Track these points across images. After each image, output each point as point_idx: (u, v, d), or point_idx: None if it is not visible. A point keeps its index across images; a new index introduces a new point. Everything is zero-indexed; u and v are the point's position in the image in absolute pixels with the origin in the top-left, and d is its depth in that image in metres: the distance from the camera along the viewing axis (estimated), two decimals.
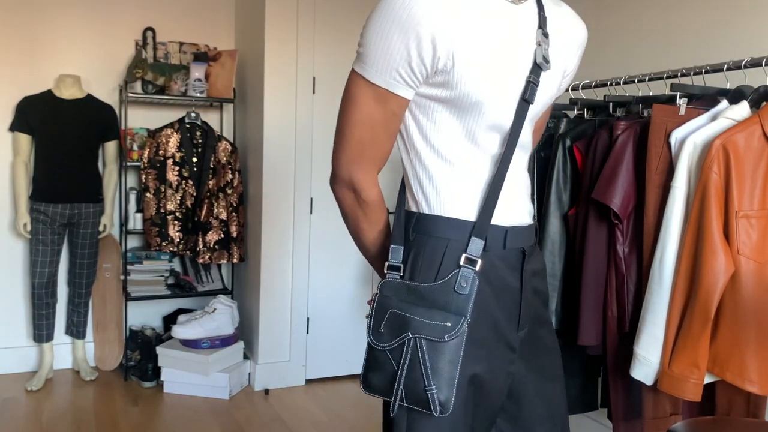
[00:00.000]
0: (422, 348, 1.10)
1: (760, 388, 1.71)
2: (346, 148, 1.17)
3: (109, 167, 3.60)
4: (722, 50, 2.29)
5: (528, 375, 1.26)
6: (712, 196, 1.71)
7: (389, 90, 1.11)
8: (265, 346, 3.55)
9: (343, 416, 3.25)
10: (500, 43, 1.12)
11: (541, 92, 1.20)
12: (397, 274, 1.16)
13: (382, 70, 1.09)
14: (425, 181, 1.18)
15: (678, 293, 1.79)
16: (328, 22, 3.51)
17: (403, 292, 1.14)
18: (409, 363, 1.10)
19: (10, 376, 3.61)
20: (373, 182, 1.22)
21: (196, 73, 3.60)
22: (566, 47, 1.25)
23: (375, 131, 1.15)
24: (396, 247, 1.19)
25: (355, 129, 1.14)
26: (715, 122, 1.81)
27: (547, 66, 1.16)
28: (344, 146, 1.17)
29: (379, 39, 1.07)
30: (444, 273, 1.12)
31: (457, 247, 1.13)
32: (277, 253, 3.53)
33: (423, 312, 1.11)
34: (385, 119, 1.14)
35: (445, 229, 1.15)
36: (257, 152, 3.55)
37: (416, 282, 1.13)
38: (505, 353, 1.19)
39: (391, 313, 1.13)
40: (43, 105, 3.43)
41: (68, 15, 3.64)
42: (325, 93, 3.55)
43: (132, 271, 3.66)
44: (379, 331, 1.13)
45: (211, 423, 3.10)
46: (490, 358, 1.16)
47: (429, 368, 1.09)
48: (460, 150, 1.16)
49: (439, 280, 1.12)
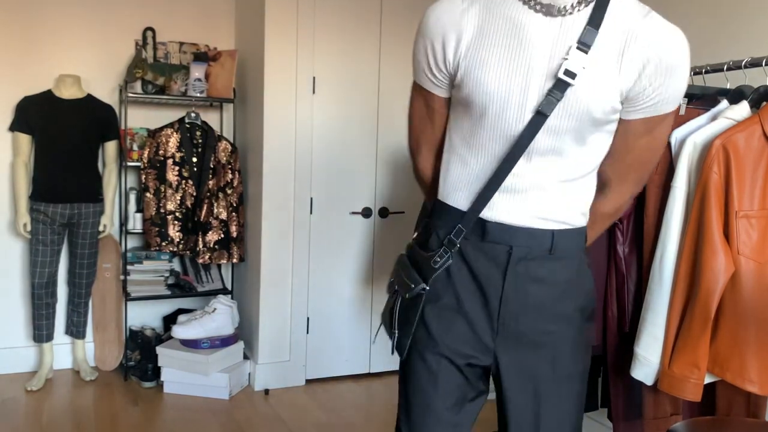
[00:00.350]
0: (398, 301, 1.37)
1: (760, 388, 1.71)
2: (410, 135, 1.46)
3: (109, 167, 3.60)
4: (722, 50, 2.29)
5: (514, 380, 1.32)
6: (712, 196, 1.71)
7: (424, 87, 1.34)
8: (265, 346, 3.55)
9: (343, 416, 3.25)
10: (512, 53, 1.20)
11: (572, 107, 1.18)
12: (414, 242, 1.40)
13: (418, 72, 1.34)
14: (442, 171, 1.36)
15: (678, 293, 1.79)
16: (328, 22, 3.51)
17: (409, 258, 1.37)
18: (389, 309, 1.40)
19: (10, 376, 3.61)
20: (426, 161, 1.44)
21: (196, 73, 3.60)
22: (630, 63, 1.17)
23: (422, 123, 1.40)
24: (421, 221, 1.52)
25: (412, 120, 1.42)
26: (715, 122, 1.81)
27: (573, 80, 1.16)
28: (409, 134, 1.46)
29: (414, 48, 1.35)
30: (430, 249, 1.32)
31: (446, 231, 1.30)
32: (277, 253, 3.53)
33: (408, 274, 1.34)
34: (427, 113, 1.38)
35: (441, 214, 1.33)
36: (257, 152, 3.54)
37: (419, 251, 1.35)
38: (471, 333, 1.31)
39: (395, 271, 1.40)
40: (43, 105, 3.43)
41: (68, 15, 3.64)
42: (325, 93, 3.55)
43: (132, 271, 3.66)
44: (390, 281, 1.42)
45: (211, 423, 3.10)
46: (451, 328, 1.31)
47: (397, 317, 1.37)
48: (467, 148, 1.29)
49: (427, 254, 1.32)
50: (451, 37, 1.24)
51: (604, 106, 1.19)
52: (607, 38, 1.17)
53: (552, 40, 1.18)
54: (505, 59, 1.20)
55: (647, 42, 1.16)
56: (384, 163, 3.73)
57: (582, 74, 1.16)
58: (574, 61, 1.15)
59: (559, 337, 1.31)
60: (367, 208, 3.70)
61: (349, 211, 3.68)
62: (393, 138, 3.72)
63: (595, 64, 1.17)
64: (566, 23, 1.18)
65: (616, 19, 1.18)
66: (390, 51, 3.67)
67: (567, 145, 1.23)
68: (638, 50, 1.16)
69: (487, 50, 1.21)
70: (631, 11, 1.19)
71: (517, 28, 1.19)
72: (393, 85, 3.69)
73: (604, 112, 1.19)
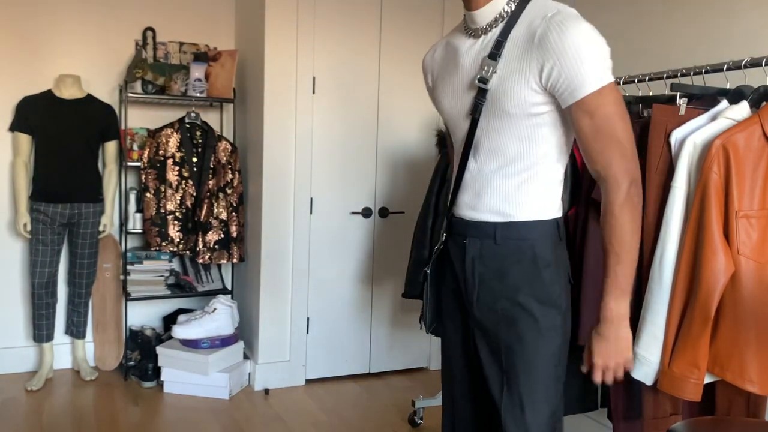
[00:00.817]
0: (426, 285, 1.65)
1: (760, 388, 1.71)
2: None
3: (109, 167, 3.60)
4: (722, 50, 2.29)
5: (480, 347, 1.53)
6: (712, 196, 1.71)
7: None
8: (265, 346, 3.55)
9: (343, 416, 3.25)
10: (452, 74, 1.50)
11: (492, 106, 1.40)
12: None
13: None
14: None
15: (678, 293, 1.79)
16: (328, 22, 3.51)
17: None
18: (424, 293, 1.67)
19: (10, 376, 3.61)
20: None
21: (196, 73, 3.60)
22: (532, 58, 1.32)
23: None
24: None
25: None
26: (715, 122, 1.81)
27: (487, 85, 1.38)
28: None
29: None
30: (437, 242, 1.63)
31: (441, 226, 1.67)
32: (277, 253, 3.53)
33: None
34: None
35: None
36: (257, 152, 3.54)
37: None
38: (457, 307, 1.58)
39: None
40: (43, 105, 3.43)
41: (68, 15, 3.64)
42: (325, 93, 3.55)
43: (132, 271, 3.66)
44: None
45: (211, 423, 3.10)
46: (447, 304, 1.61)
47: (426, 299, 1.65)
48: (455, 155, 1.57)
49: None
50: (428, 76, 1.63)
51: (517, 101, 1.35)
52: (516, 43, 1.35)
53: (474, 57, 1.43)
54: (449, 80, 1.50)
55: (542, 35, 1.30)
56: (384, 163, 3.73)
57: (494, 79, 1.37)
58: (485, 69, 1.38)
59: (517, 319, 1.44)
60: (367, 208, 3.70)
61: (349, 211, 3.68)
62: (393, 138, 3.72)
63: (505, 68, 1.36)
64: (486, 40, 1.42)
65: (526, 26, 1.34)
66: (390, 51, 3.67)
67: (505, 142, 1.41)
68: (537, 44, 1.31)
69: (441, 77, 1.54)
70: (539, 14, 1.33)
71: (455, 53, 1.49)
72: (393, 85, 3.69)
73: (518, 106, 1.36)
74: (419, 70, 3.74)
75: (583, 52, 1.27)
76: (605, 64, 1.31)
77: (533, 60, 1.31)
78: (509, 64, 1.35)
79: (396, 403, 3.43)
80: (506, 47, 1.36)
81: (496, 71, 1.36)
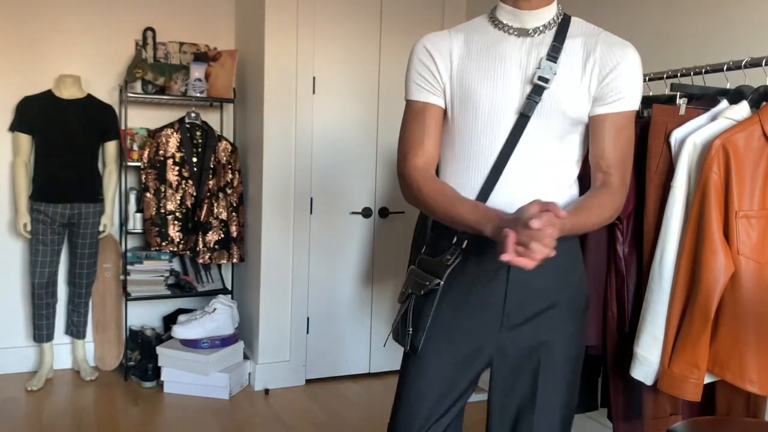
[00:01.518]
0: (412, 300, 1.49)
1: (760, 388, 1.71)
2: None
3: (109, 167, 3.60)
4: (722, 50, 2.29)
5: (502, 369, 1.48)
6: (712, 196, 1.71)
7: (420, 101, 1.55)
8: (265, 346, 3.56)
9: (343, 416, 3.25)
10: (494, 65, 1.44)
11: (550, 108, 1.41)
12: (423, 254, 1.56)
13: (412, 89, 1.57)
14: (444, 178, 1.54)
15: (678, 293, 1.79)
16: (328, 22, 3.51)
17: (420, 266, 1.53)
18: (403, 312, 1.51)
19: (10, 376, 3.61)
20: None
21: (196, 73, 3.60)
22: (592, 69, 1.42)
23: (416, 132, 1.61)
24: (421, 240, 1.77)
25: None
26: (715, 122, 1.81)
27: (548, 84, 1.39)
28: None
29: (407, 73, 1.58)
30: (441, 251, 1.48)
31: (453, 232, 1.46)
32: (277, 253, 3.53)
33: (421, 275, 1.49)
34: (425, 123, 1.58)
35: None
36: (257, 152, 3.54)
37: (428, 258, 1.51)
38: (482, 319, 1.45)
39: (407, 280, 1.54)
40: (43, 105, 3.43)
41: (68, 15, 3.64)
42: (325, 93, 3.55)
43: (132, 271, 3.66)
44: (401, 291, 1.55)
45: (211, 423, 3.10)
46: (461, 316, 1.45)
47: (411, 316, 1.48)
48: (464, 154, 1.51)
49: (438, 257, 1.48)
50: (444, 55, 1.47)
51: (576, 105, 1.41)
52: (570, 51, 1.42)
53: (526, 55, 1.43)
54: (490, 72, 1.43)
55: (605, 49, 1.42)
56: (384, 163, 3.73)
57: (554, 79, 1.39)
58: (545, 69, 1.39)
59: (557, 323, 1.45)
60: (367, 208, 3.70)
61: (349, 211, 3.68)
62: (393, 138, 3.72)
63: (564, 71, 1.41)
64: (536, 42, 1.43)
65: (576, 37, 1.44)
66: (390, 51, 3.67)
67: (547, 146, 1.43)
68: (598, 58, 1.41)
69: (474, 66, 1.44)
70: (587, 30, 1.46)
71: (495, 47, 1.45)
72: (393, 85, 3.69)
73: (576, 110, 1.41)
74: None
75: (638, 73, 1.43)
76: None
77: (595, 69, 1.41)
78: (570, 70, 1.41)
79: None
80: (563, 53, 1.42)
81: (555, 73, 1.39)
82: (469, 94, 1.43)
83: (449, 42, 1.47)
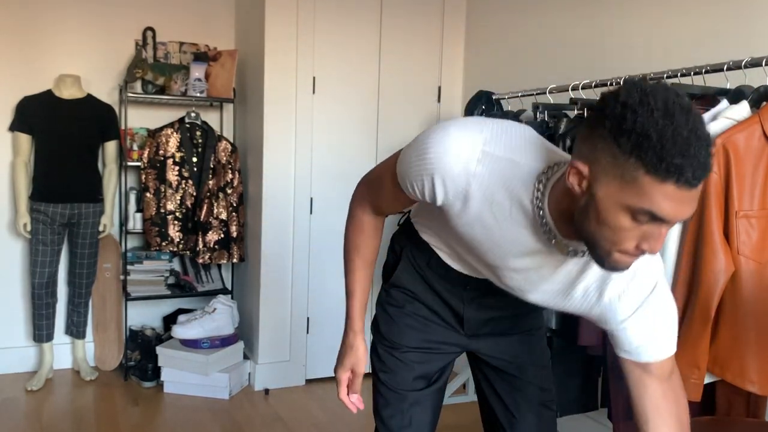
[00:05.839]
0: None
1: (760, 388, 1.71)
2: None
3: (109, 167, 3.60)
4: (722, 50, 2.29)
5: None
6: (712, 196, 1.71)
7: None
8: (265, 346, 3.55)
9: (343, 416, 3.25)
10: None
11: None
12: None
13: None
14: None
15: (678, 293, 1.79)
16: (328, 22, 3.51)
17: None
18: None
19: (10, 376, 3.61)
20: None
21: (196, 73, 3.60)
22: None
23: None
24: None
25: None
26: (715, 122, 1.81)
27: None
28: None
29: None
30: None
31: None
32: (277, 253, 3.52)
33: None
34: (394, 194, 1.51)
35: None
36: (257, 152, 3.54)
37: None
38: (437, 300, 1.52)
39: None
40: (43, 105, 3.43)
41: (68, 15, 3.63)
42: (325, 93, 3.55)
43: (132, 271, 3.66)
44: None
45: (211, 423, 3.10)
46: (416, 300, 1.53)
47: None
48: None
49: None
50: (462, 195, 1.19)
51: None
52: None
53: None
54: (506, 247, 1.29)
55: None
56: None
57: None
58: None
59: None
60: None
61: None
62: (393, 138, 3.72)
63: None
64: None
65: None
66: (390, 51, 3.66)
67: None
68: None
69: (489, 229, 1.23)
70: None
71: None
72: (393, 84, 3.69)
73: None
74: (419, 69, 3.74)
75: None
76: None
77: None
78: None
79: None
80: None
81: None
82: (465, 235, 1.34)
83: (477, 194, 1.23)
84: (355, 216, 1.50)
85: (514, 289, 1.31)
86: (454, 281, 1.47)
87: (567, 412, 2.41)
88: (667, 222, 0.96)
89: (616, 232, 0.98)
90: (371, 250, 1.51)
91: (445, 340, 1.52)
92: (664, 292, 1.21)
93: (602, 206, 0.98)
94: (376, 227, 1.50)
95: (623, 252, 1.00)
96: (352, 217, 1.50)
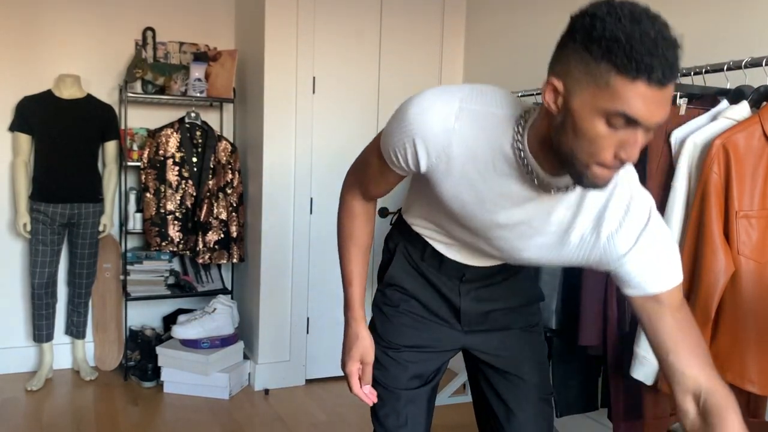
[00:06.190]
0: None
1: (760, 388, 1.71)
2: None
3: (109, 167, 3.60)
4: (722, 50, 2.29)
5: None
6: (712, 196, 1.71)
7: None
8: (265, 346, 3.55)
9: (343, 416, 3.25)
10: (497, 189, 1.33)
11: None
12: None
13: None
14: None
15: None
16: (328, 22, 3.51)
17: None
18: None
19: (10, 376, 3.61)
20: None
21: (196, 73, 3.60)
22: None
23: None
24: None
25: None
26: (715, 122, 1.81)
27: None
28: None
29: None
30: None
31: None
32: (277, 253, 3.52)
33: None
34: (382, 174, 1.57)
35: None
36: (257, 152, 3.54)
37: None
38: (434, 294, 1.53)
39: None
40: (43, 105, 3.43)
41: (68, 15, 3.63)
42: (325, 93, 3.55)
43: (132, 271, 3.66)
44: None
45: (211, 423, 3.10)
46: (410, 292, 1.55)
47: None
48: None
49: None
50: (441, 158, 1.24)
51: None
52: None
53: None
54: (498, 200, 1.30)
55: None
56: None
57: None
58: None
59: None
60: None
61: None
62: None
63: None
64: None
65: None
66: (390, 50, 3.66)
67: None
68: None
69: (474, 185, 1.25)
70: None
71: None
72: (393, 85, 3.69)
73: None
74: (419, 69, 3.74)
75: None
76: None
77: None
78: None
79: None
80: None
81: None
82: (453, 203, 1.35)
83: (457, 150, 1.27)
84: (345, 202, 1.51)
85: (508, 251, 1.31)
86: (450, 273, 1.48)
87: (567, 412, 2.41)
88: (642, 125, 0.98)
89: (593, 141, 1.00)
90: (365, 235, 1.50)
91: (441, 338, 1.53)
92: (659, 222, 1.22)
93: (578, 116, 1.00)
94: (367, 212, 1.51)
95: (601, 164, 1.02)
96: (343, 204, 1.52)
